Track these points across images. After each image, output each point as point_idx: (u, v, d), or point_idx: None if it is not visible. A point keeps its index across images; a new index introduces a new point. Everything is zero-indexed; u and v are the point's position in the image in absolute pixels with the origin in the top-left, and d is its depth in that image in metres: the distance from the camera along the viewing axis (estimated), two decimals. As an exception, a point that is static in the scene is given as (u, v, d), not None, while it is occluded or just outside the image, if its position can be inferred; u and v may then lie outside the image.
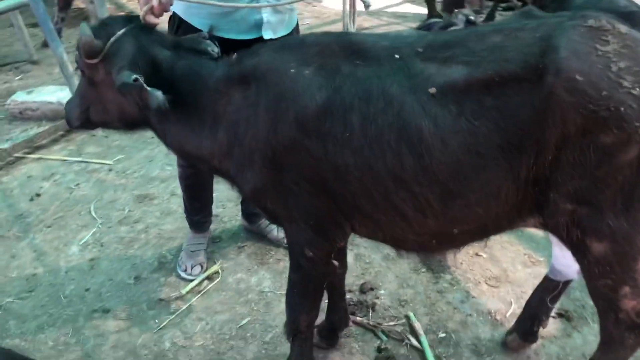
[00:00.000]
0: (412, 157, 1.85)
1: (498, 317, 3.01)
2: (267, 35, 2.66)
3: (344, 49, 1.97)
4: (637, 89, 1.68)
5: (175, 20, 2.74)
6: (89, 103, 2.39)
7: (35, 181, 4.54)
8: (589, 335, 2.86)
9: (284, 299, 2.46)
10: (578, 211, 1.88)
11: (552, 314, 2.95)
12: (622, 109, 1.68)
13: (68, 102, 2.51)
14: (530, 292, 2.80)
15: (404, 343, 2.86)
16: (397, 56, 1.90)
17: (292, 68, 1.97)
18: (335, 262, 2.46)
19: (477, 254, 3.46)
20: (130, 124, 2.40)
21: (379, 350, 2.83)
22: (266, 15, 2.64)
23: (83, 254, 3.67)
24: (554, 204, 1.89)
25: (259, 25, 2.65)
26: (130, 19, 2.23)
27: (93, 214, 4.07)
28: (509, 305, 3.07)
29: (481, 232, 2.10)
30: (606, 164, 1.77)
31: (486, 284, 3.24)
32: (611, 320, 2.12)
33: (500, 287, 3.21)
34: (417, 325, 2.93)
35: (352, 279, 3.29)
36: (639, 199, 1.86)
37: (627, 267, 1.98)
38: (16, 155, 4.90)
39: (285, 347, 2.71)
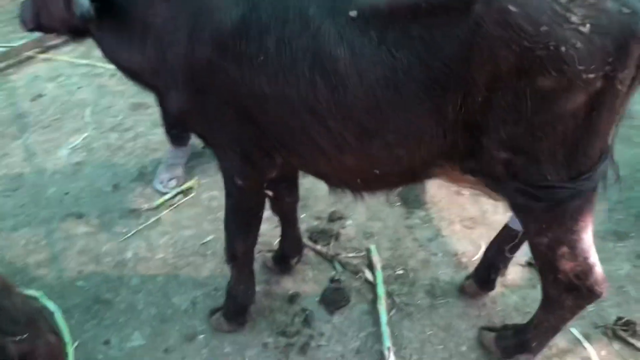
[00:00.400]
0: (326, 88, 1.69)
1: (463, 260, 2.88)
2: None
3: None
4: (587, 25, 1.43)
5: None
6: (38, 8, 2.33)
7: (40, 82, 4.59)
8: (555, 288, 2.71)
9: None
10: (513, 161, 1.70)
11: (523, 262, 2.82)
12: (563, 48, 1.44)
13: (22, 4, 2.45)
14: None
15: (357, 276, 2.80)
16: None
17: None
18: (269, 192, 2.36)
19: (458, 193, 3.28)
20: (73, 31, 2.32)
21: (331, 280, 2.79)
22: None
23: (70, 158, 3.73)
24: (488, 152, 1.70)
25: None
26: None
27: (88, 118, 4.09)
28: (478, 249, 2.92)
29: (409, 175, 1.93)
30: (544, 111, 1.56)
31: (460, 224, 3.09)
32: (550, 280, 1.98)
33: (475, 229, 3.05)
34: (376, 259, 2.85)
35: (323, 207, 3.22)
36: (584, 155, 1.67)
37: (565, 227, 1.82)
38: (27, 54, 4.93)
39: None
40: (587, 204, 1.78)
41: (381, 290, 2.68)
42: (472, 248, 2.94)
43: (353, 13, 1.63)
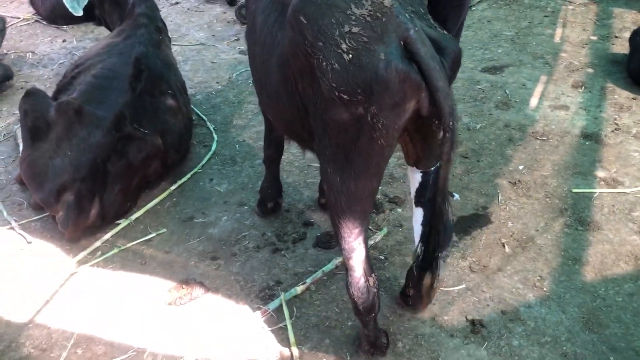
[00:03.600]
0: (253, 39, 2.37)
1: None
2: None
3: None
4: (350, 54, 1.75)
5: None
6: None
7: None
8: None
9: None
10: (318, 148, 2.04)
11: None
12: (324, 63, 1.78)
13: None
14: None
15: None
16: None
17: None
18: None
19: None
20: None
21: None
22: None
23: None
24: (312, 128, 2.07)
25: None
26: None
27: None
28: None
29: (288, 131, 2.43)
30: (326, 112, 1.87)
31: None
32: None
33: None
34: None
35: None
36: (352, 167, 1.93)
37: (334, 222, 2.10)
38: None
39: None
40: None
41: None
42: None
43: None
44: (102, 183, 3.16)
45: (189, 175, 3.70)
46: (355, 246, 2.10)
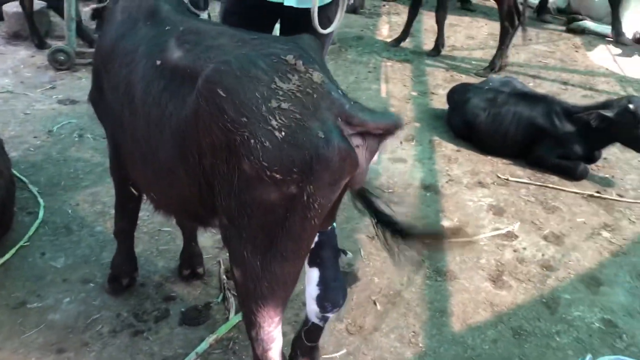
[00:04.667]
0: (128, 109, 2.10)
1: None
2: (287, 1, 2.64)
3: (151, 11, 2.19)
4: (283, 132, 1.61)
5: None
6: None
7: None
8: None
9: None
10: (229, 229, 1.84)
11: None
12: (252, 141, 1.61)
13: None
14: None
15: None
16: (167, 28, 2.06)
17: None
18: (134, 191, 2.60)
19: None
20: None
21: (183, 301, 2.88)
22: None
23: None
24: (218, 212, 1.87)
25: None
26: None
27: None
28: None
29: (179, 209, 2.23)
30: (247, 192, 1.71)
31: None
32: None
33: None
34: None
35: (168, 230, 3.30)
36: (278, 249, 1.76)
37: (250, 310, 1.89)
38: None
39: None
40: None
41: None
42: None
43: (158, 62, 1.96)
44: None
45: (14, 250, 3.13)
46: (275, 335, 1.91)
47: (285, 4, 2.74)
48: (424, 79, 6.04)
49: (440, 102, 5.44)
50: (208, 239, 3.31)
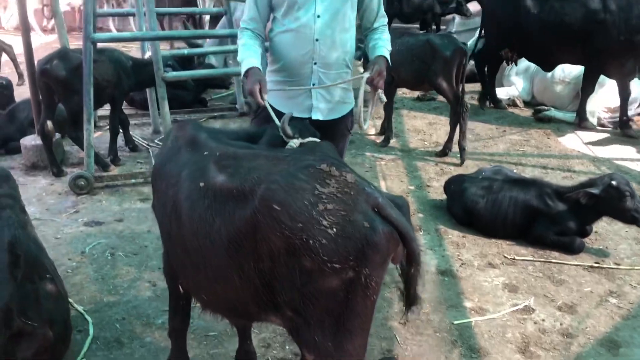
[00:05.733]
0: (175, 224, 2.43)
1: None
2: (314, 116, 3.30)
3: (191, 139, 2.58)
4: (334, 229, 1.94)
5: None
6: None
7: None
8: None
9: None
10: (295, 320, 2.12)
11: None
12: (310, 242, 1.94)
13: None
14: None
15: None
16: (205, 153, 2.44)
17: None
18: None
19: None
20: None
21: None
22: (316, 102, 3.32)
23: None
24: (281, 309, 2.17)
25: (310, 109, 3.32)
26: None
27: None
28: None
29: (230, 309, 2.49)
30: (310, 284, 2.01)
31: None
32: None
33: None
34: None
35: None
36: (347, 328, 2.05)
37: None
38: None
39: None
40: None
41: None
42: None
43: (202, 183, 2.33)
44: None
45: (73, 367, 3.30)
46: None
47: (313, 117, 3.25)
48: (417, 173, 6.54)
49: (436, 193, 5.90)
50: (253, 338, 3.53)
